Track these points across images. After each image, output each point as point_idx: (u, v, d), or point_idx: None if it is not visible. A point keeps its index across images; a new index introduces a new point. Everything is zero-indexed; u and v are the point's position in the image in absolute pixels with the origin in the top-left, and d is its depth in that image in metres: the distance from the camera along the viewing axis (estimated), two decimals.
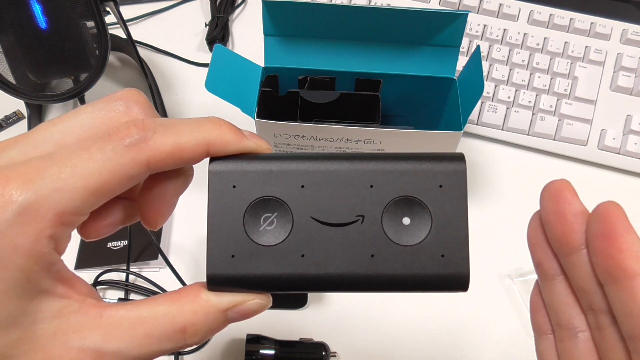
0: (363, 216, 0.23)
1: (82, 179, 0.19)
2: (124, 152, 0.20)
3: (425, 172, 0.23)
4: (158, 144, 0.20)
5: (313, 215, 0.23)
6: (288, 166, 0.23)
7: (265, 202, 0.23)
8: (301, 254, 0.22)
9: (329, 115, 0.48)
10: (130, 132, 0.20)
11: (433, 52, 0.49)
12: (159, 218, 0.23)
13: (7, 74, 0.48)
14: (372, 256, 0.22)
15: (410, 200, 0.23)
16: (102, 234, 0.23)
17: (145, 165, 0.20)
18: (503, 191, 0.55)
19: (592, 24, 0.60)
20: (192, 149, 0.21)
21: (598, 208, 0.21)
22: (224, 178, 0.23)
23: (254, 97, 0.46)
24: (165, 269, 0.49)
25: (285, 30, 0.48)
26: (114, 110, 0.22)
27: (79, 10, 0.47)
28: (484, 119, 0.58)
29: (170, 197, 0.23)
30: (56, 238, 0.19)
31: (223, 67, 0.44)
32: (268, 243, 0.23)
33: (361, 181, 0.23)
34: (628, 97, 0.58)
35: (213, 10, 0.67)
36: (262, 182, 0.23)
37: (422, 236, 0.23)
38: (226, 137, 0.22)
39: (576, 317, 0.23)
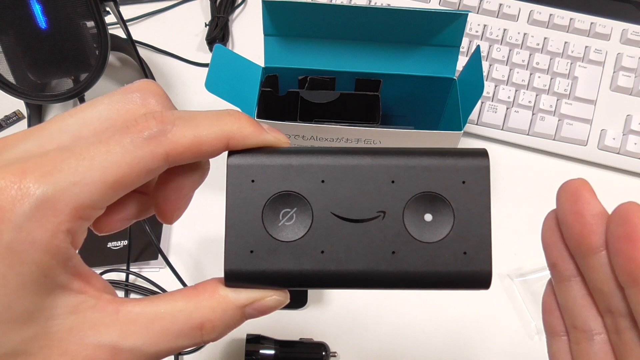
0: (384, 212, 0.22)
1: (100, 172, 0.19)
2: (143, 145, 0.20)
3: (448, 168, 0.22)
4: (177, 137, 0.20)
5: (333, 210, 0.22)
6: (308, 160, 0.22)
7: (285, 197, 0.22)
8: (321, 250, 0.22)
9: (329, 115, 0.48)
10: (150, 124, 0.20)
11: (433, 52, 0.49)
12: (175, 212, 0.23)
13: (7, 74, 0.48)
14: (393, 253, 0.22)
15: (432, 197, 0.22)
16: (115, 228, 0.23)
17: (164, 159, 0.20)
18: (503, 191, 0.55)
19: (592, 24, 0.60)
20: (212, 142, 0.21)
21: (619, 209, 0.20)
22: (242, 172, 0.22)
23: (254, 97, 0.46)
24: (165, 269, 0.49)
25: (285, 30, 0.48)
26: (131, 102, 0.21)
27: (79, 10, 0.47)
28: (484, 119, 0.58)
29: (187, 191, 0.23)
30: (73, 232, 0.19)
31: (223, 67, 0.45)
32: (287, 239, 0.22)
33: (382, 176, 0.22)
34: (628, 97, 0.58)
35: (213, 10, 0.67)
36: (281, 177, 0.22)
37: (444, 233, 0.22)
38: (246, 130, 0.22)
39: (592, 319, 0.22)
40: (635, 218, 0.20)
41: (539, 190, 0.55)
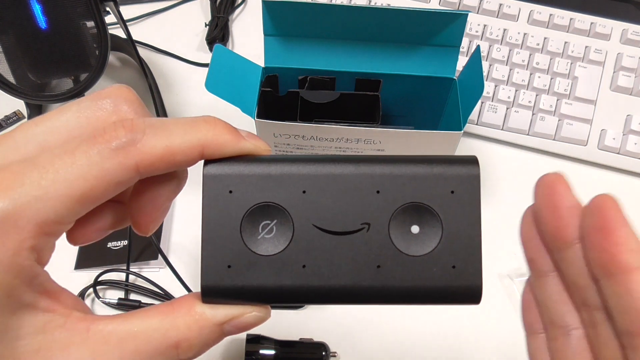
0: (369, 224, 0.21)
1: (65, 186, 0.18)
2: (111, 156, 0.18)
3: (435, 177, 0.21)
4: (148, 147, 0.19)
5: (315, 222, 0.21)
6: (289, 170, 0.21)
7: (264, 208, 0.21)
8: (302, 264, 0.21)
9: (329, 115, 0.48)
10: (118, 134, 0.19)
11: (433, 52, 0.49)
12: (150, 224, 0.22)
13: (7, 74, 0.48)
14: (378, 267, 0.21)
15: (419, 207, 0.21)
16: (90, 239, 0.22)
17: (135, 170, 0.19)
18: (503, 191, 0.55)
19: (592, 24, 0.60)
20: (185, 151, 0.20)
21: (593, 201, 0.20)
22: (219, 182, 0.21)
23: (254, 97, 0.46)
24: (165, 269, 0.49)
25: (285, 30, 0.48)
26: (101, 109, 0.20)
27: (79, 10, 0.47)
28: (484, 119, 0.58)
29: (162, 202, 0.22)
30: (38, 249, 0.18)
31: (223, 67, 0.44)
32: (267, 252, 0.21)
33: (367, 186, 0.21)
34: (628, 97, 0.58)
35: (213, 10, 0.67)
36: (260, 187, 0.21)
37: (432, 246, 0.21)
38: (222, 138, 0.20)
39: (569, 314, 0.22)
40: (609, 209, 0.20)
41: None
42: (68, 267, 0.49)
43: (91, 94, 0.21)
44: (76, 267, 0.50)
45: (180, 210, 0.53)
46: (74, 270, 0.49)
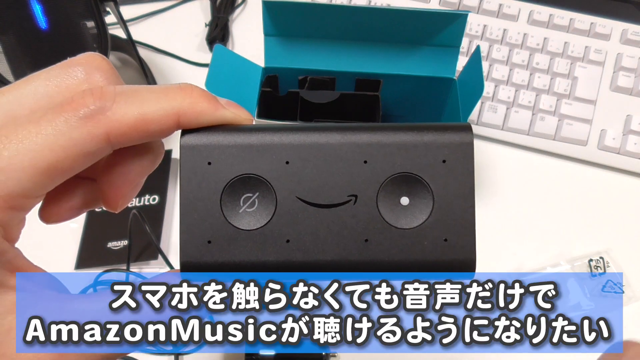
0: (356, 196, 0.20)
1: (29, 157, 0.17)
2: (79, 125, 0.17)
3: (426, 145, 0.20)
4: (119, 115, 0.18)
5: (299, 195, 0.20)
6: (271, 139, 0.20)
7: (245, 180, 0.20)
8: (286, 238, 0.20)
9: (329, 115, 0.48)
10: (86, 101, 0.18)
11: (433, 52, 0.49)
12: (120, 199, 0.21)
13: (7, 74, 0.48)
14: (366, 241, 0.20)
15: (409, 178, 0.20)
16: (64, 218, 0.21)
17: (105, 140, 0.18)
18: (503, 191, 0.55)
19: (592, 24, 0.60)
20: (160, 120, 0.19)
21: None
22: (197, 153, 0.20)
23: (254, 97, 0.46)
24: (165, 268, 0.49)
25: (285, 30, 0.48)
26: (71, 77, 0.19)
27: (79, 10, 0.47)
28: (484, 119, 0.58)
29: (134, 177, 0.21)
30: (4, 224, 0.17)
31: (223, 67, 0.45)
32: (249, 227, 0.20)
33: (354, 156, 0.20)
34: (628, 97, 0.58)
35: (213, 10, 0.67)
36: (241, 158, 0.20)
37: (423, 218, 0.20)
38: (199, 106, 0.19)
39: None
40: None
41: (539, 190, 0.55)
42: (68, 267, 0.50)
43: (62, 62, 0.20)
44: (76, 266, 0.50)
45: None
46: (74, 270, 0.49)
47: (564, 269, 0.50)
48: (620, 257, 0.50)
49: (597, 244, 0.51)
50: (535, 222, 0.53)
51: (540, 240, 0.52)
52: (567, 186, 0.55)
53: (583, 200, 0.54)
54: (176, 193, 0.54)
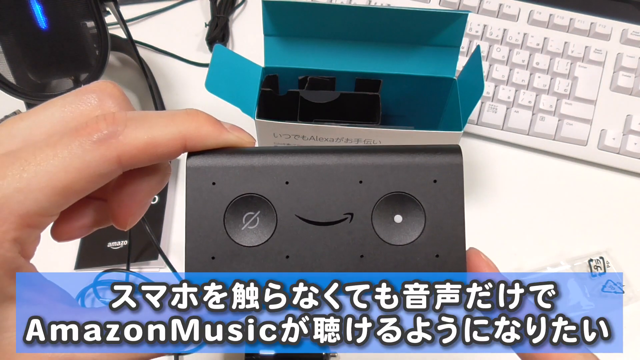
0: (352, 214, 0.21)
1: (46, 178, 0.18)
2: (93, 148, 0.19)
3: (418, 167, 0.21)
4: (129, 139, 0.19)
5: (298, 213, 0.21)
6: (271, 161, 0.21)
7: (247, 199, 0.21)
8: (286, 255, 0.21)
9: (329, 115, 0.48)
10: (99, 126, 0.19)
11: (433, 52, 0.49)
12: (129, 218, 0.22)
13: (7, 74, 0.48)
14: (361, 257, 0.21)
15: (402, 197, 0.21)
16: (74, 236, 0.22)
17: (116, 162, 0.19)
18: (503, 191, 0.55)
19: (592, 24, 0.60)
20: (167, 143, 0.20)
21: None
22: (202, 174, 0.21)
23: (254, 97, 0.46)
24: (165, 268, 0.49)
25: (285, 30, 0.48)
26: (85, 104, 0.20)
27: (79, 10, 0.47)
28: (484, 119, 0.58)
29: (143, 196, 0.22)
30: (21, 241, 0.18)
31: (223, 67, 0.44)
32: (250, 243, 0.21)
33: (350, 176, 0.21)
34: (628, 97, 0.58)
35: (213, 10, 0.67)
36: (243, 179, 0.21)
37: (415, 235, 0.21)
38: (204, 130, 0.21)
39: None
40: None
41: (539, 190, 0.55)
42: (68, 267, 0.50)
43: (76, 89, 0.21)
44: (76, 267, 0.50)
45: (181, 210, 0.53)
46: (74, 270, 0.49)
47: (564, 269, 0.50)
48: (620, 257, 0.50)
49: (597, 244, 0.51)
50: (535, 222, 0.53)
51: (540, 240, 0.52)
52: (567, 186, 0.55)
53: (583, 200, 0.54)
54: (176, 193, 0.54)
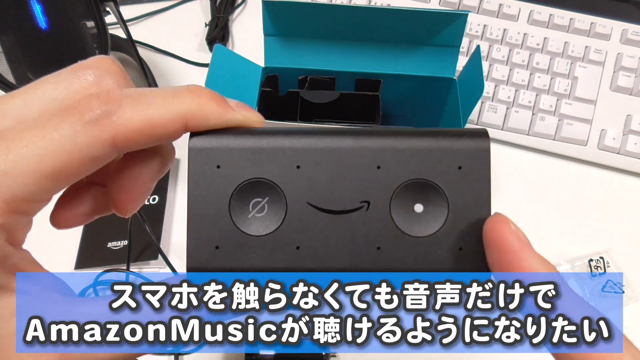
0: (368, 202, 0.20)
1: (34, 161, 0.17)
2: (84, 129, 0.17)
3: (441, 151, 0.19)
4: (124, 119, 0.18)
5: (310, 200, 0.20)
6: (281, 143, 0.20)
7: (255, 185, 0.20)
8: (296, 245, 0.20)
9: (329, 115, 0.48)
10: (92, 105, 0.17)
11: (433, 52, 0.49)
12: (129, 204, 0.21)
13: (7, 74, 0.48)
14: (378, 249, 0.20)
15: (423, 184, 0.20)
16: (74, 223, 0.21)
17: (111, 145, 0.18)
18: (503, 191, 0.55)
19: (592, 24, 0.60)
20: (166, 123, 0.18)
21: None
22: (206, 156, 0.20)
23: (254, 97, 0.46)
24: (165, 268, 0.49)
25: (285, 30, 0.48)
26: (81, 80, 0.19)
27: (79, 10, 0.47)
28: (484, 119, 0.58)
29: (144, 181, 0.20)
30: (8, 228, 0.17)
31: (223, 67, 0.44)
32: (258, 232, 0.20)
33: (367, 161, 0.20)
34: (628, 97, 0.58)
35: (213, 10, 0.67)
36: (251, 162, 0.20)
37: (437, 226, 0.20)
38: (207, 108, 0.19)
39: None
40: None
41: (539, 190, 0.55)
42: (68, 267, 0.49)
43: (72, 65, 0.19)
44: (76, 266, 0.50)
45: (181, 210, 0.53)
46: (74, 270, 0.49)
47: (564, 269, 0.50)
48: (620, 257, 0.50)
49: (597, 244, 0.51)
50: (535, 222, 0.53)
51: (540, 240, 0.52)
52: (567, 186, 0.55)
53: (583, 200, 0.54)
54: (176, 193, 0.54)
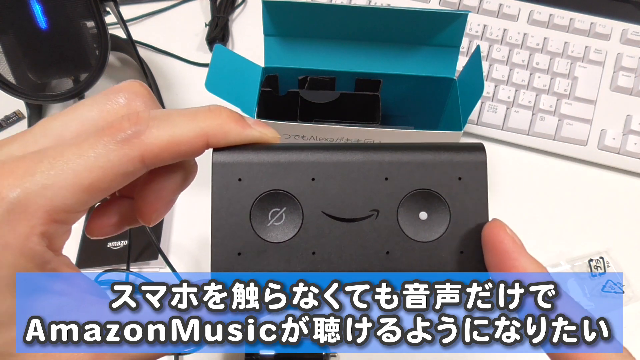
0: (378, 211, 0.22)
1: (72, 176, 0.19)
2: (116, 148, 0.19)
3: (443, 164, 0.22)
4: (152, 138, 0.20)
5: (324, 210, 0.22)
6: (297, 157, 0.22)
7: (274, 196, 0.22)
8: (312, 251, 0.21)
9: (329, 115, 0.48)
10: (123, 126, 0.20)
11: (433, 52, 0.49)
12: (153, 214, 0.23)
13: (7, 74, 0.48)
14: (387, 253, 0.22)
15: (427, 194, 0.22)
16: (107, 233, 0.23)
17: (140, 161, 0.20)
18: (503, 191, 0.55)
19: (592, 24, 0.60)
20: (190, 141, 0.20)
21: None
22: (228, 170, 0.21)
23: (254, 97, 0.46)
24: (165, 268, 0.49)
25: (285, 30, 0.48)
26: (113, 103, 0.21)
27: (79, 10, 0.47)
28: (484, 119, 0.58)
29: (167, 193, 0.22)
30: (49, 235, 0.19)
31: (223, 67, 0.44)
32: (276, 240, 0.21)
33: (375, 173, 0.22)
34: (628, 97, 0.58)
35: (213, 10, 0.67)
36: (269, 175, 0.21)
37: (441, 231, 0.22)
38: (227, 127, 0.21)
39: None
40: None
41: (539, 190, 0.55)
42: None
43: (107, 90, 0.22)
44: (76, 266, 0.50)
45: (181, 210, 0.53)
46: None
47: (564, 269, 0.50)
48: (620, 257, 0.50)
49: (597, 244, 0.51)
50: (535, 222, 0.53)
51: (540, 240, 0.52)
52: (567, 186, 0.55)
53: (583, 200, 0.54)
54: None
